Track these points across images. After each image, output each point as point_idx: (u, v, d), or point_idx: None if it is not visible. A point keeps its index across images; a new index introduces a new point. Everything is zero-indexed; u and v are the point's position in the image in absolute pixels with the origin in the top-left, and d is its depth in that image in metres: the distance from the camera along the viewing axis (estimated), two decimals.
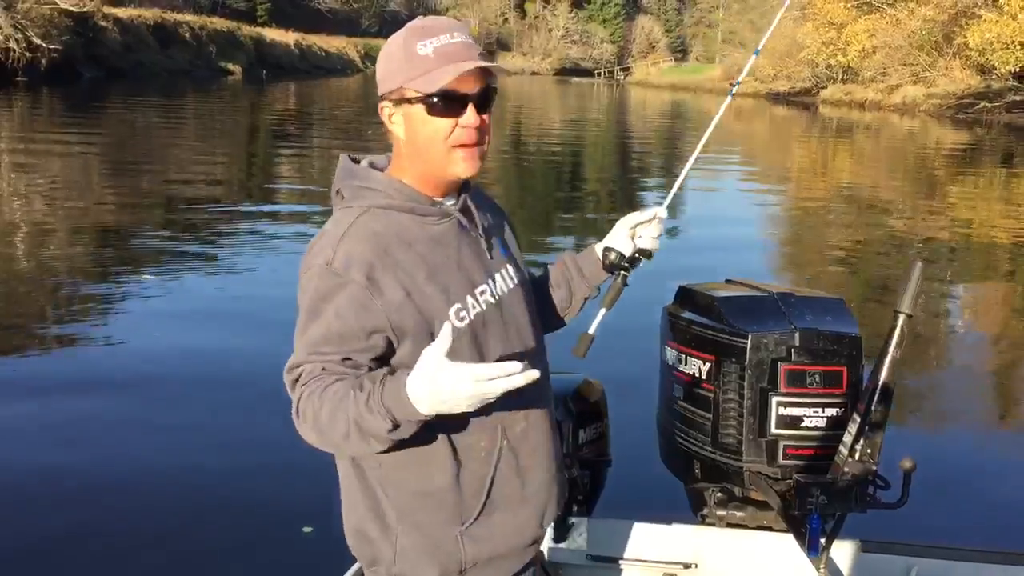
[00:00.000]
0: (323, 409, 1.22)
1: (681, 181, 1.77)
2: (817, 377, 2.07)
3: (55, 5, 28.90)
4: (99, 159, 13.84)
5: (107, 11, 33.86)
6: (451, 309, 1.32)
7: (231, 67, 41.63)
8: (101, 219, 9.20)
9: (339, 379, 1.24)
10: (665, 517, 2.25)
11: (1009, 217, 12.02)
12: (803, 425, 2.07)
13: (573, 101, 42.39)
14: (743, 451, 2.11)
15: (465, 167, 1.35)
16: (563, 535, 2.20)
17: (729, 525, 2.21)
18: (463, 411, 1.18)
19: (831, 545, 2.05)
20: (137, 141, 16.51)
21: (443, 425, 1.28)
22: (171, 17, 39.16)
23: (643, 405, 2.44)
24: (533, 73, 73.21)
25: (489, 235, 1.43)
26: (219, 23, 44.03)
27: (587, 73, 78.68)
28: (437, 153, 1.34)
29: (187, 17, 41.35)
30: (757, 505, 2.19)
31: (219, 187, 11.82)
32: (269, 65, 45.34)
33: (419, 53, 1.31)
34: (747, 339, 2.08)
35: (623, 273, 1.58)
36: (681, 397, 2.23)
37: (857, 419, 1.95)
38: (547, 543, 2.19)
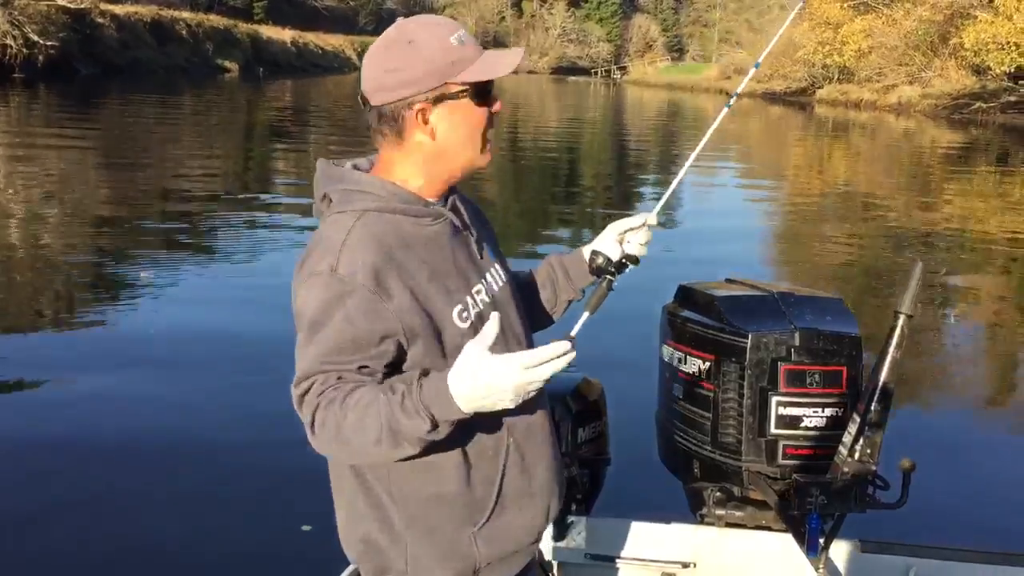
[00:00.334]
0: (348, 417, 1.19)
1: (672, 189, 1.77)
2: (817, 377, 2.07)
3: (52, 2, 28.83)
4: (96, 155, 13.80)
5: (104, 8, 33.76)
6: (454, 310, 1.31)
7: (228, 64, 41.53)
8: (98, 213, 9.18)
9: (358, 386, 1.21)
10: (664, 516, 2.25)
11: (1006, 216, 12.05)
12: (803, 425, 2.07)
13: (570, 100, 42.37)
14: (742, 451, 2.11)
15: (488, 158, 1.38)
16: (562, 534, 2.20)
17: (728, 524, 2.21)
18: (505, 406, 1.17)
19: (830, 545, 2.05)
20: (134, 138, 16.46)
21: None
22: (168, 14, 39.04)
23: (642, 404, 2.43)
24: (530, 72, 73.14)
25: (478, 235, 1.43)
26: (216, 20, 43.92)
27: (584, 72, 78.71)
28: (474, 146, 1.35)
29: (184, 14, 41.23)
30: (756, 505, 2.19)
31: (215, 183, 11.80)
32: (266, 63, 45.24)
33: (455, 46, 1.30)
34: (747, 338, 2.08)
35: (608, 278, 1.57)
36: (681, 396, 2.23)
37: (857, 419, 1.95)
38: (546, 542, 2.19)
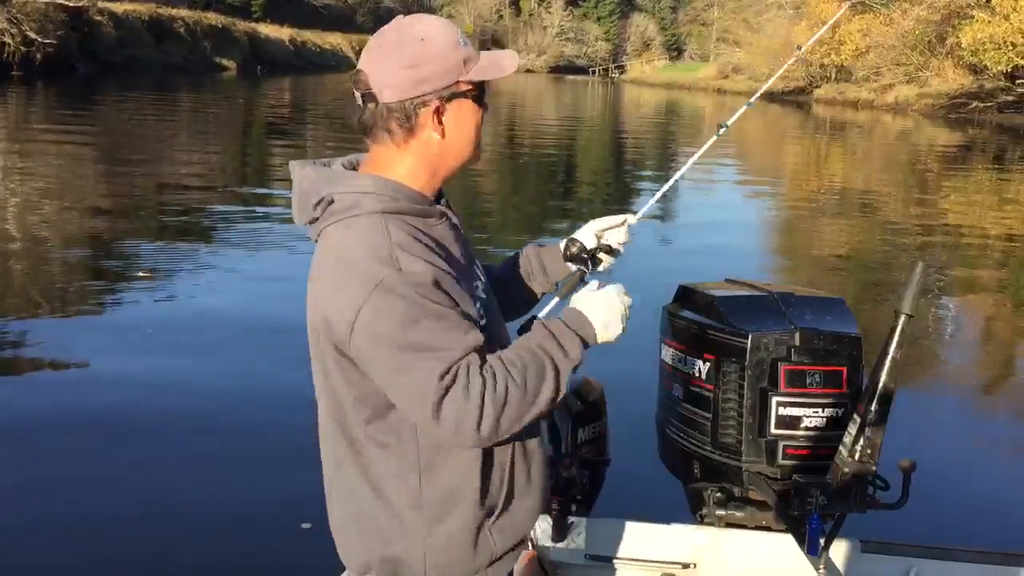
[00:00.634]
0: (528, 379, 1.23)
1: (656, 199, 1.82)
2: (817, 377, 2.07)
3: None
4: (94, 152, 13.79)
5: (102, 6, 33.74)
6: (475, 307, 1.32)
7: (226, 62, 41.48)
8: (96, 209, 9.17)
9: (497, 356, 1.25)
10: (664, 517, 2.25)
11: (1004, 216, 12.07)
12: (803, 425, 2.07)
13: (568, 99, 42.37)
14: (743, 451, 2.10)
15: (479, 157, 1.40)
16: (562, 535, 2.20)
17: (728, 525, 2.21)
18: (617, 335, 1.33)
19: (830, 545, 2.05)
20: (132, 135, 16.45)
21: None
22: (166, 12, 39.00)
23: (642, 405, 2.43)
24: (528, 71, 73.12)
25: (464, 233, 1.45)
26: (213, 18, 43.88)
27: (582, 71, 78.69)
28: (474, 144, 1.37)
29: (182, 12, 41.18)
30: (756, 505, 2.19)
31: (213, 180, 11.80)
32: (264, 61, 45.21)
33: (462, 46, 1.31)
34: (747, 339, 2.08)
35: (581, 268, 1.60)
36: (680, 397, 2.23)
37: (857, 419, 1.95)
38: (546, 542, 2.19)
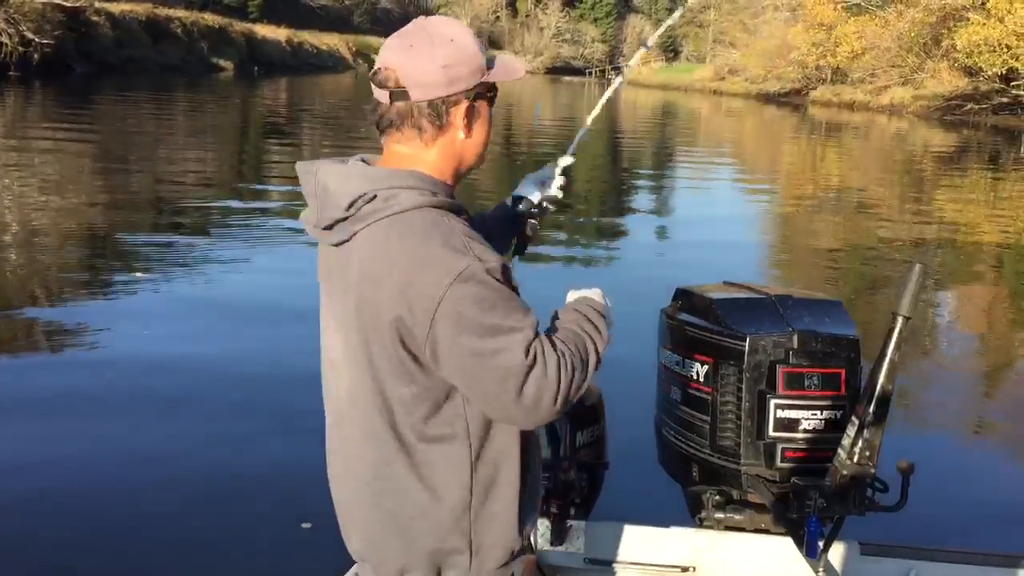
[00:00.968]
0: (580, 353, 1.32)
1: (580, 137, 1.96)
2: (815, 379, 2.07)
3: (47, 0, 28.77)
4: (91, 152, 13.77)
5: (99, 6, 33.72)
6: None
7: (223, 63, 41.44)
8: (93, 207, 9.15)
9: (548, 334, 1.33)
10: (663, 520, 2.25)
11: (999, 217, 12.10)
12: (801, 428, 2.07)
13: (564, 99, 42.39)
14: (741, 454, 2.10)
15: (485, 159, 1.45)
16: (561, 538, 2.19)
17: (727, 528, 2.21)
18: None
19: (829, 548, 2.05)
20: (129, 135, 16.43)
21: None
22: (163, 12, 38.96)
23: (641, 408, 2.43)
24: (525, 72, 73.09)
25: None
26: (211, 19, 43.83)
27: (579, 72, 78.76)
28: (487, 144, 1.41)
29: (179, 13, 41.14)
30: (755, 508, 2.19)
31: (210, 180, 11.78)
32: (260, 61, 45.18)
33: (482, 49, 1.36)
34: (745, 341, 2.08)
35: (532, 221, 1.69)
36: (679, 400, 2.23)
37: (855, 422, 1.95)
38: (545, 546, 2.18)
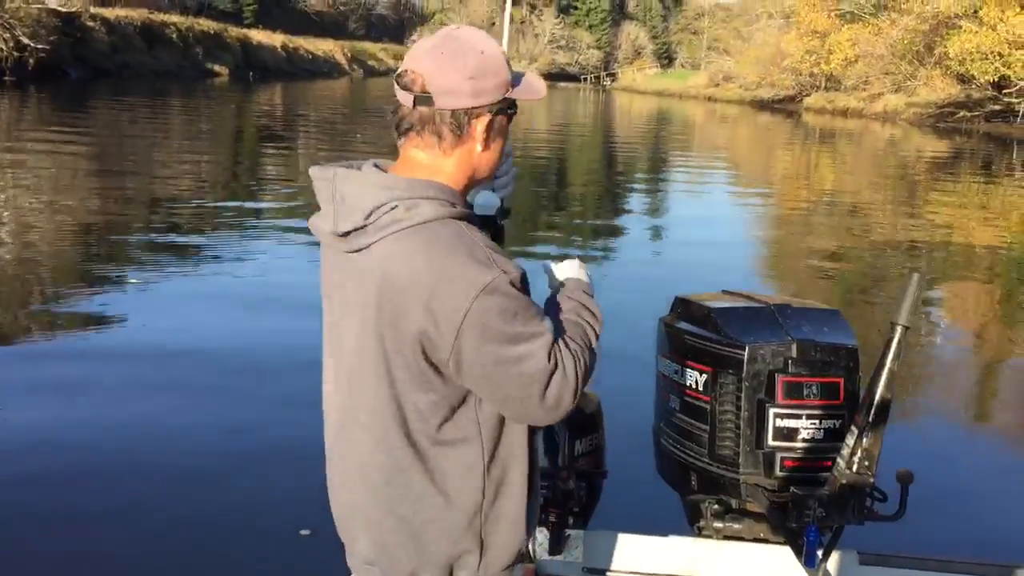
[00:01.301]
0: (585, 346, 1.36)
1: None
2: (814, 389, 2.07)
3: (43, 5, 28.80)
4: (86, 157, 13.75)
5: (94, 11, 33.77)
6: None
7: (218, 68, 41.47)
8: (88, 213, 9.13)
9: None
10: (661, 529, 2.25)
11: (995, 225, 12.16)
12: (800, 437, 2.07)
13: (559, 106, 42.51)
14: (740, 463, 2.10)
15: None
16: (559, 547, 2.19)
17: (726, 537, 2.20)
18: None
19: (828, 557, 2.05)
20: (124, 140, 16.41)
21: None
22: (158, 18, 39.02)
23: (639, 416, 2.42)
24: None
25: None
26: (206, 24, 43.90)
27: (573, 79, 79.00)
28: (498, 162, 1.41)
29: (174, 18, 41.20)
30: (754, 517, 2.19)
31: (205, 185, 11.78)
32: (256, 67, 45.23)
33: (508, 64, 1.36)
34: (744, 350, 2.08)
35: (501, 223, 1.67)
36: (678, 409, 2.22)
37: (854, 431, 1.95)
38: (543, 555, 2.18)
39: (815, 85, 42.65)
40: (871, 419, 1.92)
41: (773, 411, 2.06)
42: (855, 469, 1.94)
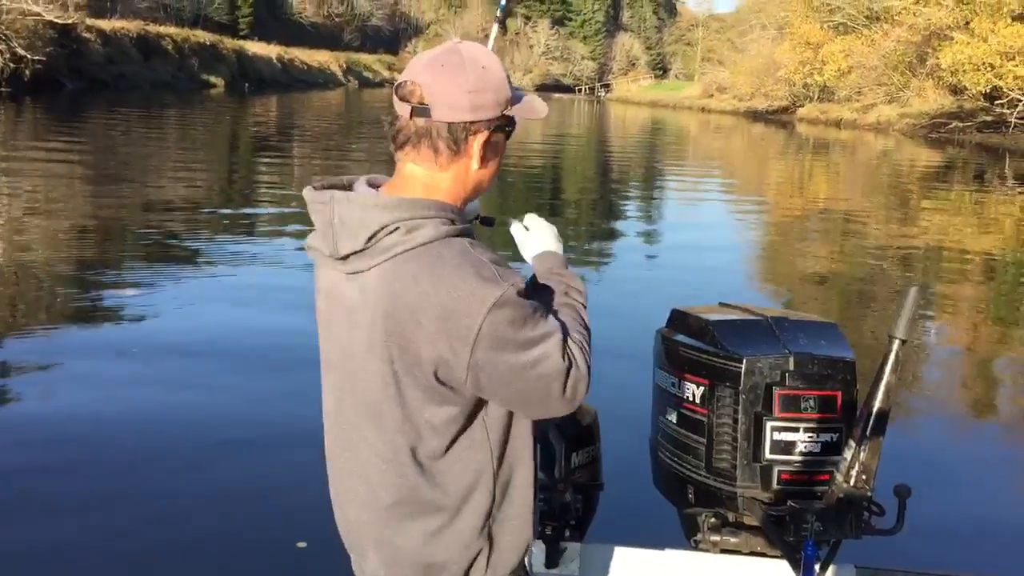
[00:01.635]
0: (584, 329, 1.38)
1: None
2: (811, 402, 2.07)
3: (39, 17, 28.86)
4: (82, 168, 13.75)
5: (90, 23, 33.89)
6: None
7: (213, 80, 41.57)
8: (83, 224, 9.11)
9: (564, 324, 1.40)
10: (658, 542, 2.24)
11: (989, 235, 12.21)
12: (797, 450, 2.06)
13: (554, 117, 42.67)
14: (737, 476, 2.09)
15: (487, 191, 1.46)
16: (555, 560, 2.18)
17: (723, 551, 2.19)
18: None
19: (826, 572, 2.04)
20: (119, 151, 16.41)
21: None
22: (153, 29, 39.14)
23: (636, 429, 2.42)
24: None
25: None
26: (201, 36, 44.06)
27: (568, 89, 79.37)
28: (493, 179, 1.40)
29: (170, 30, 41.34)
30: (751, 531, 2.18)
31: (199, 195, 11.77)
32: (251, 78, 45.36)
33: (509, 81, 1.36)
34: (741, 363, 2.07)
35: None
36: (674, 421, 2.22)
37: (852, 444, 1.94)
38: (540, 568, 2.16)
39: (809, 96, 42.91)
40: (868, 432, 1.92)
41: (770, 424, 2.06)
42: (852, 483, 1.93)
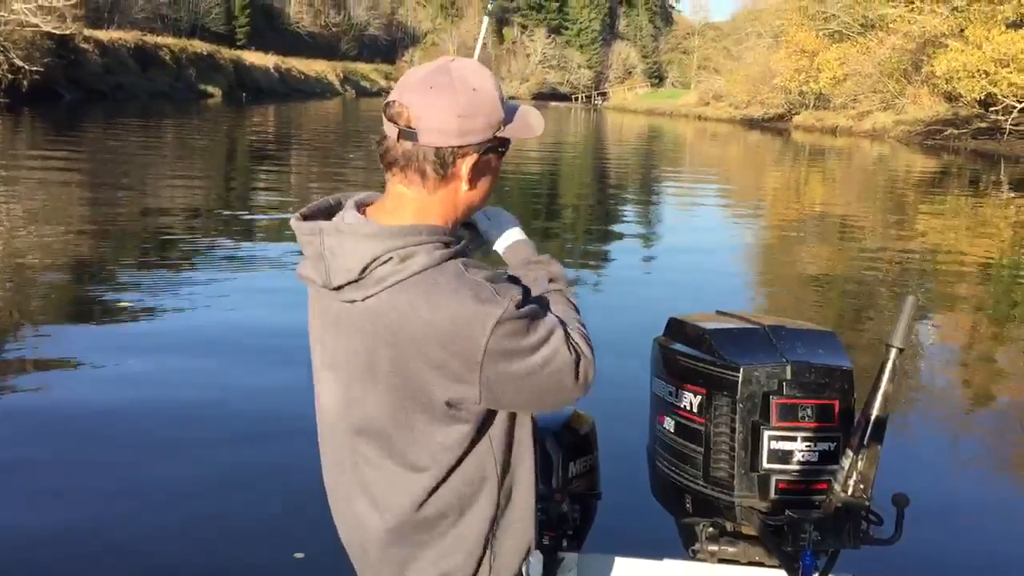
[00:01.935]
0: (576, 314, 1.41)
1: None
2: (809, 411, 2.06)
3: (37, 27, 28.94)
4: (80, 178, 13.75)
5: (88, 33, 34.00)
6: None
7: (211, 89, 41.67)
8: (81, 234, 9.11)
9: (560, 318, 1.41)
10: (656, 552, 2.22)
11: (985, 241, 12.23)
12: (795, 459, 2.06)
13: (551, 125, 42.83)
14: (735, 485, 2.09)
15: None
16: (552, 571, 2.16)
17: (721, 561, 2.18)
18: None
19: None
20: (117, 161, 16.42)
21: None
22: (151, 40, 39.28)
23: (633, 438, 2.42)
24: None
25: None
26: (199, 46, 44.20)
27: (564, 98, 79.64)
28: (487, 197, 1.39)
29: (167, 40, 41.47)
30: (749, 540, 2.17)
31: (196, 204, 11.78)
32: (249, 88, 45.47)
33: (502, 100, 1.31)
34: (738, 372, 2.07)
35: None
36: (672, 430, 2.21)
37: (850, 453, 1.94)
38: None
39: (804, 103, 43.09)
40: (866, 441, 1.91)
41: (768, 433, 2.05)
42: (850, 492, 1.93)
